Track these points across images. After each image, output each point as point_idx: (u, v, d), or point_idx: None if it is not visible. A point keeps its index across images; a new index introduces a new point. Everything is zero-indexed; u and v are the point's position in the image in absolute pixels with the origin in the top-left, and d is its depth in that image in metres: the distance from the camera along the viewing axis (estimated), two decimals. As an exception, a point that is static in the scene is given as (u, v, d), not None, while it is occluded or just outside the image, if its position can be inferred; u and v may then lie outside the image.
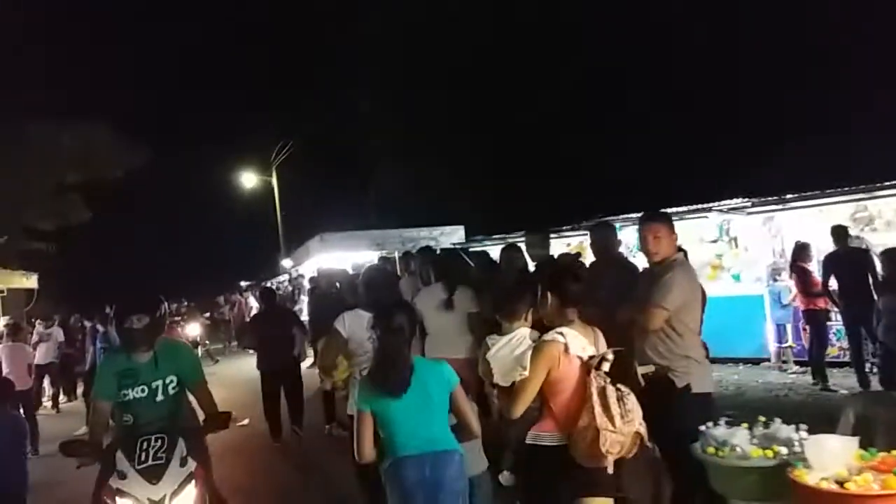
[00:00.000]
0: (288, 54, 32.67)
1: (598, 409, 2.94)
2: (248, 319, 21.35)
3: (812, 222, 9.38)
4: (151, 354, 3.71)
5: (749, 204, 10.08)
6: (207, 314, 20.85)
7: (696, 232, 10.23)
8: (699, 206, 10.31)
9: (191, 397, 4.09)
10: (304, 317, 13.26)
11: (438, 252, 8.32)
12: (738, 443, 3.15)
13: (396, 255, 12.07)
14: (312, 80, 30.08)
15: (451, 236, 15.11)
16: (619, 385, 3.05)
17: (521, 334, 3.45)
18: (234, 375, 14.34)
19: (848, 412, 3.46)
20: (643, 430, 3.08)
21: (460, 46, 22.14)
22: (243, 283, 29.04)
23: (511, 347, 3.42)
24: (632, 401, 3.06)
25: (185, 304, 23.27)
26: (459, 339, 4.73)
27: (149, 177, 24.88)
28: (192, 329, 18.68)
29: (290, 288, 20.95)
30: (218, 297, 25.80)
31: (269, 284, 18.08)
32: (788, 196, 9.63)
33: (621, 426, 2.95)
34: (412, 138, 23.44)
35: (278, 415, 8.20)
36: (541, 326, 3.38)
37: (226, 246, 37.21)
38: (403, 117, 23.65)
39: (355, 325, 4.14)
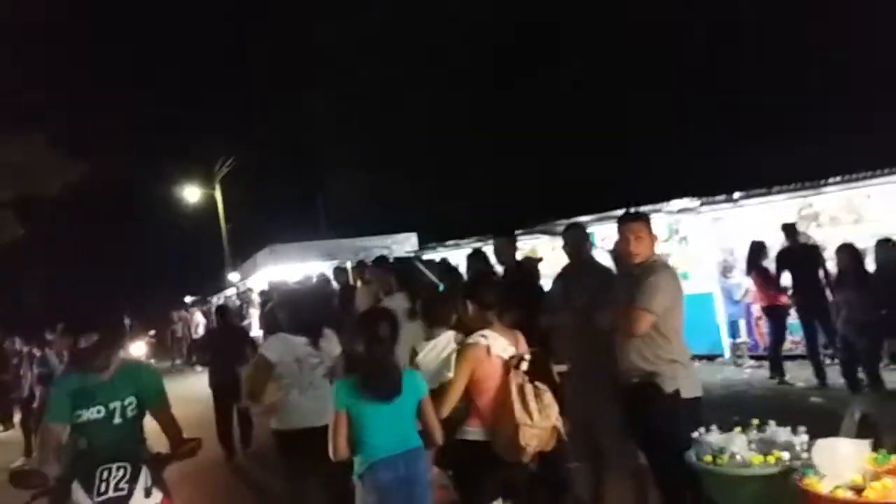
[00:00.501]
0: (231, 63, 31.98)
1: (517, 406, 3.14)
2: (195, 336, 20.80)
3: (760, 220, 9.56)
4: (110, 374, 3.47)
5: (698, 203, 10.21)
6: (153, 332, 20.14)
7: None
8: (649, 206, 10.38)
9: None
10: (254, 332, 12.96)
11: (392, 261, 8.20)
12: (736, 449, 3.04)
13: (349, 265, 11.82)
14: (257, 89, 29.55)
15: (404, 244, 14.95)
16: (536, 383, 3.26)
17: (447, 338, 3.65)
18: (182, 394, 13.75)
19: (852, 413, 3.36)
20: (559, 424, 3.30)
21: (410, 49, 22.03)
22: (188, 299, 28.20)
23: (437, 351, 3.61)
24: (548, 397, 3.25)
25: (129, 321, 22.44)
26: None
27: (87, 192, 23.89)
28: (136, 348, 18.07)
29: (237, 302, 20.40)
30: (172, 314, 24.96)
31: (220, 300, 17.57)
32: (736, 195, 9.79)
33: (538, 421, 3.16)
34: (363, 145, 23.18)
35: (231, 435, 7.90)
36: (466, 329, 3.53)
37: (170, 261, 36.09)
38: (353, 124, 23.37)
39: (282, 349, 4.16)
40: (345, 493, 3.46)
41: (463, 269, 6.35)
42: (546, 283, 4.96)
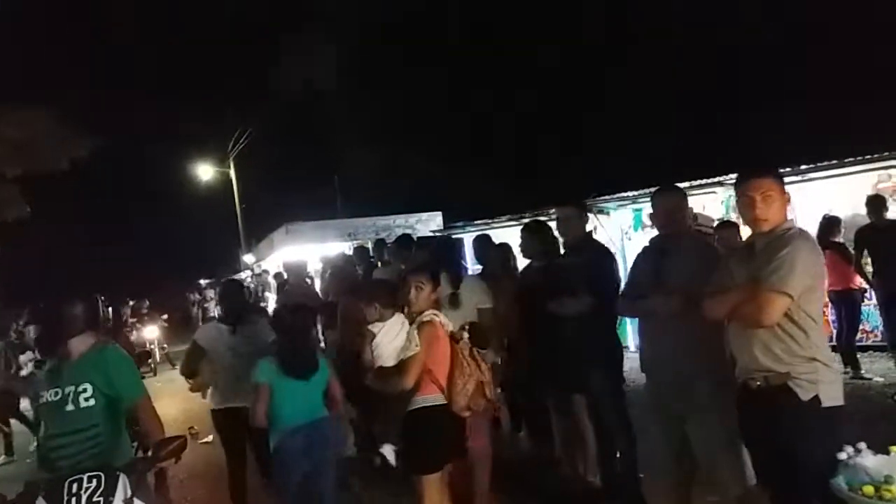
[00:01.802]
0: (245, 37, 31.13)
1: (473, 366, 3.80)
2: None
3: (830, 196, 8.61)
4: (77, 357, 3.24)
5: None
6: (165, 315, 19.46)
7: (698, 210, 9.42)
8: (706, 180, 9.45)
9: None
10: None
11: (417, 239, 7.50)
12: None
13: (370, 244, 11.02)
14: (271, 64, 28.71)
15: (429, 223, 14.10)
16: (477, 349, 3.92)
17: (399, 319, 3.91)
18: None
19: None
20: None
21: (430, 23, 21.06)
22: (203, 282, 27.59)
23: (394, 331, 3.85)
24: (483, 361, 3.92)
25: (144, 303, 21.81)
26: None
27: (97, 170, 23.26)
28: (150, 332, 17.40)
29: (252, 285, 19.74)
30: (187, 295, 24.38)
31: (238, 279, 16.84)
32: (803, 167, 8.82)
33: (488, 377, 3.88)
34: (382, 121, 22.30)
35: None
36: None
37: (183, 242, 35.56)
38: (372, 99, 22.48)
39: (211, 337, 4.74)
40: (269, 462, 4.04)
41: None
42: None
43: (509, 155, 18.79)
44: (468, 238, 10.89)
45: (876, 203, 7.07)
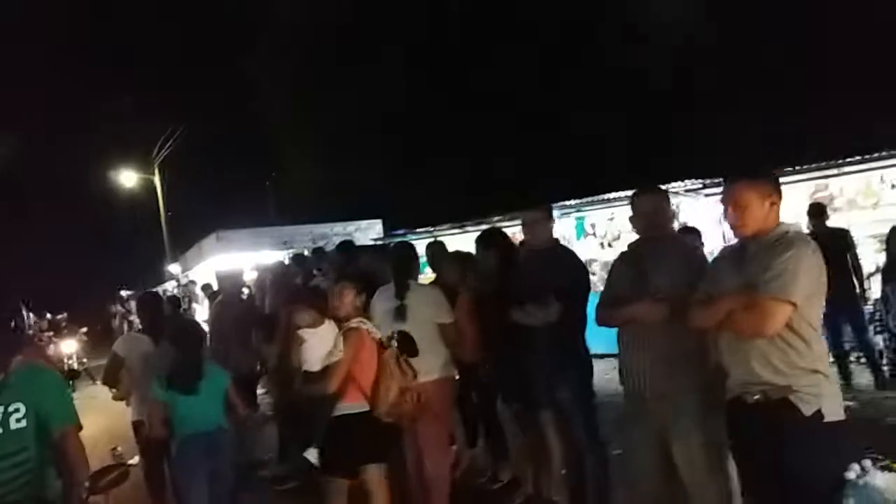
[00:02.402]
0: (173, 34, 29.89)
1: (397, 374, 3.86)
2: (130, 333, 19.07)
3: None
4: (6, 374, 2.83)
5: (700, 186, 9.33)
6: (85, 328, 18.30)
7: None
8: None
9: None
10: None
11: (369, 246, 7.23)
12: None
13: (306, 252, 10.56)
14: (198, 64, 27.65)
15: (368, 231, 13.71)
16: (404, 356, 3.96)
17: (330, 326, 4.09)
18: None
19: None
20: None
21: (369, 27, 20.68)
22: (125, 293, 26.20)
23: (321, 338, 4.05)
24: (410, 368, 3.95)
25: (62, 316, 20.46)
26: (423, 355, 4.10)
27: (13, 173, 21.77)
28: (68, 346, 16.28)
29: (179, 296, 18.79)
30: (109, 307, 23.02)
31: (162, 293, 15.99)
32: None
33: (413, 384, 3.90)
34: (317, 125, 21.67)
35: None
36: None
37: (103, 251, 33.81)
38: (307, 104, 21.81)
39: (129, 347, 4.94)
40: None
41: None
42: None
43: (451, 162, 18.53)
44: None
45: (816, 210, 7.17)
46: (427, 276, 6.18)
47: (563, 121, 17.87)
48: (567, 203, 10.68)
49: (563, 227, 10.70)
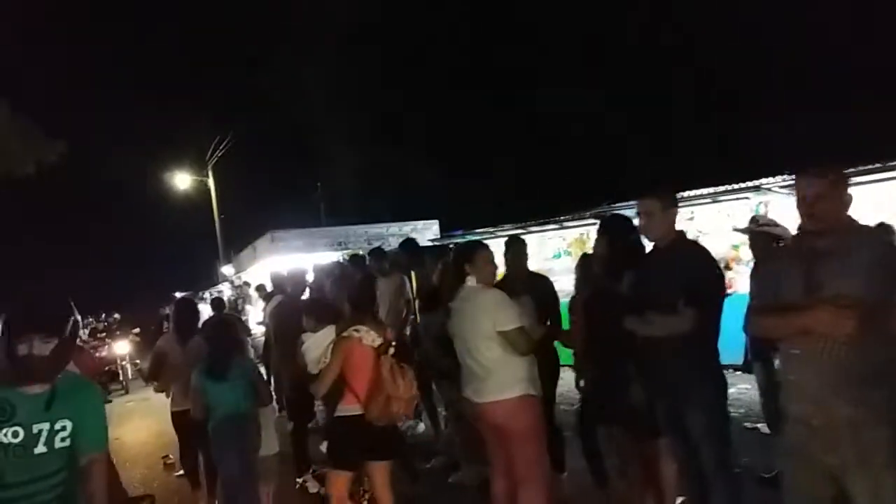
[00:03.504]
0: (220, 41, 30.05)
1: (388, 381, 3.99)
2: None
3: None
4: (47, 389, 2.67)
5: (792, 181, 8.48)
6: (137, 329, 18.28)
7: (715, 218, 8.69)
8: (736, 185, 8.65)
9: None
10: (254, 329, 11.19)
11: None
12: None
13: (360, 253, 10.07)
14: (252, 69, 27.66)
15: (425, 232, 13.17)
16: (401, 363, 4.11)
17: (328, 332, 4.43)
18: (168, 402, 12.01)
19: None
20: (417, 393, 4.28)
21: (420, 25, 20.20)
22: (177, 295, 26.31)
23: (318, 343, 4.44)
24: (410, 374, 4.10)
25: (115, 316, 20.57)
26: (501, 371, 3.78)
27: (70, 176, 22.01)
28: (120, 347, 16.24)
29: (232, 297, 18.62)
30: (160, 310, 23.09)
31: (214, 295, 15.80)
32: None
33: (403, 392, 4.03)
34: (369, 125, 21.30)
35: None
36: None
37: (158, 253, 34.22)
38: (357, 105, 21.48)
39: (172, 345, 5.44)
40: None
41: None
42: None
43: (507, 162, 17.92)
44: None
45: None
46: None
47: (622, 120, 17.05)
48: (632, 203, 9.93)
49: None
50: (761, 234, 4.90)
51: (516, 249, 5.09)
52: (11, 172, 17.83)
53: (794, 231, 5.03)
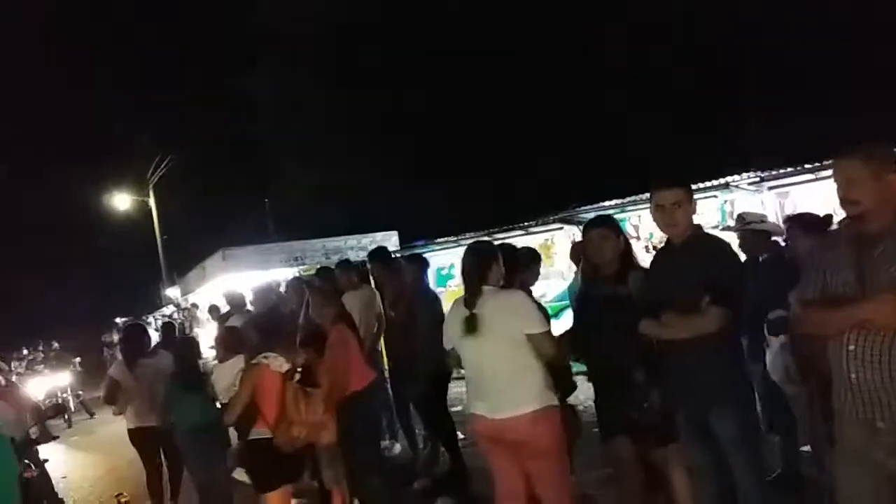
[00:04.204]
0: (163, 51, 29.02)
1: (290, 406, 4.23)
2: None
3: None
4: None
5: (757, 179, 8.47)
6: (78, 359, 17.30)
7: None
8: (703, 184, 8.56)
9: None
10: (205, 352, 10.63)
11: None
12: None
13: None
14: (193, 81, 26.79)
15: (385, 243, 12.75)
16: (307, 388, 4.35)
17: (236, 361, 4.84)
18: (116, 434, 11.27)
19: None
20: (325, 418, 4.43)
21: (369, 31, 19.83)
22: (119, 321, 25.15)
23: (225, 372, 4.92)
24: (317, 398, 4.34)
25: (54, 346, 19.42)
26: (524, 380, 3.43)
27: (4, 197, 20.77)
28: (62, 378, 15.30)
29: (179, 320, 17.80)
30: (102, 336, 21.96)
31: (160, 320, 15.06)
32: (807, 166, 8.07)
33: (305, 417, 4.26)
34: (320, 137, 20.70)
35: None
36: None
37: (98, 278, 32.71)
38: (307, 114, 20.86)
39: (122, 372, 5.72)
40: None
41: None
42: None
43: (466, 167, 17.61)
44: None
45: None
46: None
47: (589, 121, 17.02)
48: (606, 204, 9.81)
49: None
50: (752, 232, 4.79)
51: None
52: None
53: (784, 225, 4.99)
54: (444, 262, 11.46)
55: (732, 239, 4.62)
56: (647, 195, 3.33)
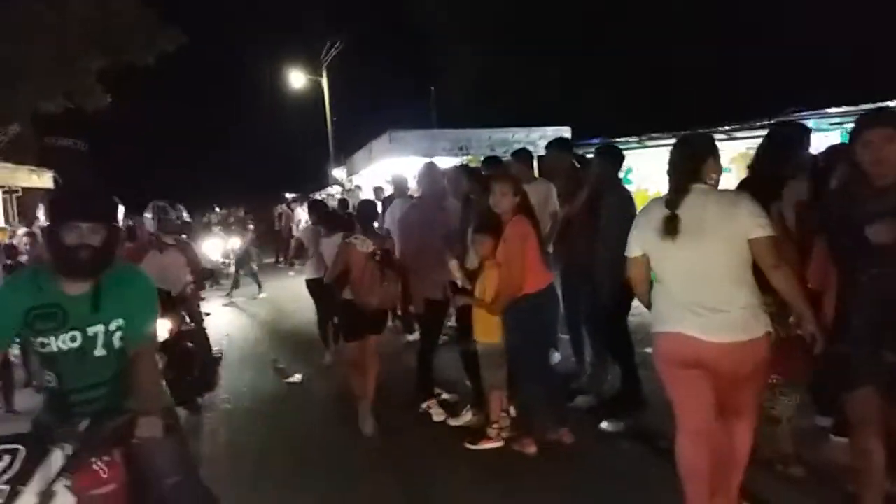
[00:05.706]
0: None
1: (368, 279, 5.02)
2: (296, 234, 18.69)
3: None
4: (89, 287, 2.52)
5: None
6: (251, 226, 18.19)
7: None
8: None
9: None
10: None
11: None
12: None
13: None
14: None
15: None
16: (382, 269, 5.08)
17: (337, 238, 5.90)
18: (288, 299, 11.82)
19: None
20: (395, 292, 5.29)
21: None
22: (288, 195, 26.39)
23: (331, 244, 6.23)
24: (390, 275, 5.11)
25: (238, 211, 20.48)
26: (746, 298, 2.91)
27: (184, 69, 21.89)
28: (234, 242, 16.09)
29: (344, 199, 18.17)
30: (272, 209, 23.12)
31: (322, 197, 15.35)
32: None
33: (377, 289, 5.05)
34: (487, 27, 19.65)
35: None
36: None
37: (270, 153, 34.51)
38: (479, 3, 19.78)
39: (308, 236, 7.60)
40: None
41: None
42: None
43: (636, 70, 15.95)
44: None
45: None
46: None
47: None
48: (829, 111, 8.28)
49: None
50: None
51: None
52: (132, 63, 17.86)
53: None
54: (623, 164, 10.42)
55: None
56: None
